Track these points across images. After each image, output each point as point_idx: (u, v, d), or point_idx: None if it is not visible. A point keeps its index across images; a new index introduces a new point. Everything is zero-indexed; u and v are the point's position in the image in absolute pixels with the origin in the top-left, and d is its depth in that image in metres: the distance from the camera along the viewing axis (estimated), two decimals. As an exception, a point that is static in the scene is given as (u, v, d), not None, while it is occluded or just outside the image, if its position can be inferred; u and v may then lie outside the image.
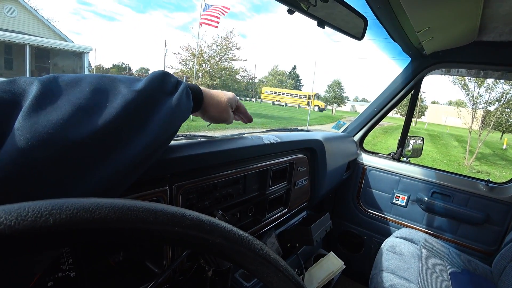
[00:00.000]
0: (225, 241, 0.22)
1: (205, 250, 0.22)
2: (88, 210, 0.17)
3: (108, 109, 0.40)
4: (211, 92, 0.64)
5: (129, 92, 0.43)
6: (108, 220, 0.18)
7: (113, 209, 0.18)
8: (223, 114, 0.66)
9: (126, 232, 0.18)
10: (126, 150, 0.41)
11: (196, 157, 0.66)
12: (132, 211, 0.19)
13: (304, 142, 1.15)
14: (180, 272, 0.73)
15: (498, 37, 1.40)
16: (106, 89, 0.42)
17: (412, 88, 1.73)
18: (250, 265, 0.24)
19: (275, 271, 0.25)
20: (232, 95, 0.69)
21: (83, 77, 0.42)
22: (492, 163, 11.60)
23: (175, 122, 0.51)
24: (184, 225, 0.20)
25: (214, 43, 17.55)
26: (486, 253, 1.61)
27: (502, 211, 1.58)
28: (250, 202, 0.93)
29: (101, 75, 0.44)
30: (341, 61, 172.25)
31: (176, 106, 0.49)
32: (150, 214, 0.19)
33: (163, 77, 0.51)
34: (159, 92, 0.48)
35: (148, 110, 0.45)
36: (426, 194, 1.76)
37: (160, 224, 0.19)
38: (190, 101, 0.56)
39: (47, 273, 0.56)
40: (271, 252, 0.25)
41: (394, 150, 1.92)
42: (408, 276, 1.26)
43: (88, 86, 0.40)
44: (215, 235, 0.22)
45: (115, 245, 0.67)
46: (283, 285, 0.26)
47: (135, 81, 0.47)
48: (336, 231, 2.06)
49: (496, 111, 12.10)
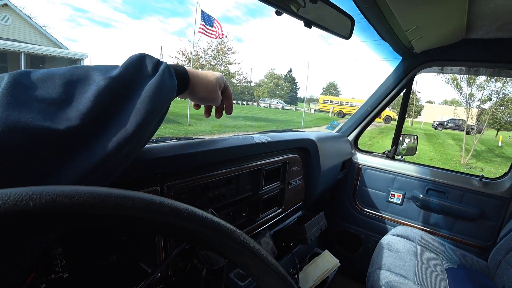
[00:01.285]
0: (204, 228, 0.23)
1: (183, 237, 0.22)
2: (67, 196, 0.18)
3: (81, 100, 0.39)
4: (198, 72, 0.62)
5: (103, 80, 0.42)
6: (86, 206, 0.18)
7: (91, 195, 0.19)
8: (212, 94, 0.63)
9: (104, 218, 0.19)
10: (106, 139, 0.40)
11: (187, 156, 0.67)
12: (110, 197, 0.19)
13: (297, 141, 1.16)
14: (174, 273, 0.73)
15: (485, 34, 1.42)
16: (78, 80, 0.41)
17: (404, 86, 1.75)
18: (230, 254, 0.25)
19: (256, 260, 0.25)
20: (220, 75, 0.65)
21: (56, 71, 0.40)
22: (488, 160, 11.66)
23: (159, 104, 0.48)
24: (162, 212, 0.21)
25: (209, 48, 17.65)
26: (482, 248, 1.62)
27: (496, 206, 1.59)
28: (244, 202, 0.94)
29: (74, 67, 0.43)
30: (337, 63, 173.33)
31: (158, 87, 0.47)
32: (128, 201, 0.20)
33: (141, 59, 0.49)
34: (137, 76, 0.46)
35: (126, 96, 0.44)
36: (421, 192, 1.77)
37: (138, 211, 0.20)
38: (173, 80, 0.53)
39: (39, 275, 0.56)
40: (252, 241, 0.26)
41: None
42: (405, 273, 1.26)
43: (60, 79, 0.39)
44: (193, 222, 0.22)
45: (109, 246, 0.67)
46: (265, 275, 0.26)
47: (112, 68, 0.45)
48: (333, 231, 2.07)
49: (490, 109, 12.21)
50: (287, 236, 1.03)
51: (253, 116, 20.19)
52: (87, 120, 0.38)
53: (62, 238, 0.61)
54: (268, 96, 49.62)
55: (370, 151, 2.00)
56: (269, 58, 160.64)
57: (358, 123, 1.94)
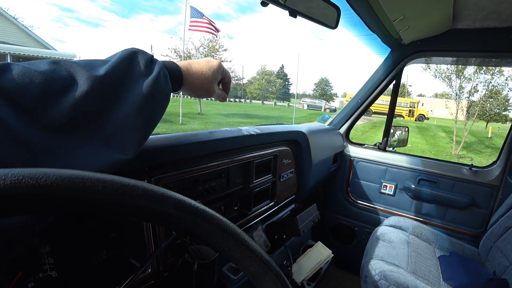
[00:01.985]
0: (179, 211, 0.22)
1: (159, 221, 0.22)
2: (34, 178, 0.17)
3: (59, 107, 0.35)
4: (194, 69, 0.57)
5: (88, 81, 0.37)
6: (53, 188, 0.17)
7: (60, 177, 0.18)
8: (208, 91, 0.59)
9: (73, 201, 0.18)
10: (85, 149, 0.37)
11: (174, 148, 0.66)
12: (79, 180, 0.18)
13: (287, 134, 1.15)
14: (165, 268, 0.73)
15: (472, 24, 1.43)
16: (59, 79, 0.36)
17: (394, 78, 1.76)
18: (209, 238, 0.24)
19: (236, 244, 0.25)
20: (216, 66, 0.59)
21: (36, 67, 0.36)
22: (478, 151, 11.86)
23: (152, 113, 0.44)
24: (135, 194, 0.20)
25: (201, 46, 17.54)
26: (473, 236, 1.65)
27: (486, 194, 1.62)
28: (235, 196, 0.93)
29: (56, 62, 0.38)
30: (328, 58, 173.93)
31: (149, 95, 0.43)
32: (99, 183, 0.19)
33: (133, 55, 0.44)
34: (128, 76, 0.42)
35: (116, 100, 0.40)
36: (413, 182, 1.79)
37: (109, 194, 0.19)
38: (168, 84, 0.48)
39: (27, 274, 0.55)
40: (231, 224, 0.25)
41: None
42: (398, 262, 1.27)
43: (39, 77, 0.35)
44: (167, 205, 0.21)
45: (98, 243, 0.66)
46: (246, 258, 0.26)
47: (99, 64, 0.41)
48: (327, 224, 2.08)
49: (479, 101, 12.38)
50: (279, 228, 1.03)
51: (246, 113, 20.18)
52: (65, 127, 0.35)
53: (49, 236, 0.60)
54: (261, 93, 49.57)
55: (362, 143, 2.01)
56: (260, 55, 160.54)
57: (349, 115, 1.95)
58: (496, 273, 1.25)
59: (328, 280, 2.00)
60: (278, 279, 0.27)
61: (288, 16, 0.74)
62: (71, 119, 0.36)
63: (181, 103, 12.11)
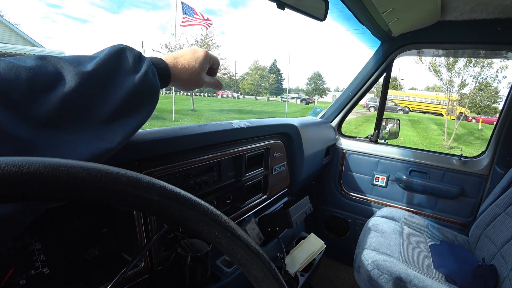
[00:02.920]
0: (164, 199, 0.22)
1: (144, 208, 0.22)
2: (17, 165, 0.17)
3: (46, 102, 0.35)
4: (181, 64, 0.56)
5: (75, 77, 0.37)
6: (36, 175, 0.17)
7: (42, 165, 0.18)
8: (197, 83, 0.59)
9: (57, 188, 0.18)
10: (79, 148, 0.36)
11: (164, 141, 0.65)
12: (63, 167, 0.18)
13: (278, 127, 1.15)
14: (158, 262, 0.73)
15: (460, 16, 1.44)
16: (46, 75, 0.36)
17: (384, 70, 1.77)
18: (194, 225, 0.24)
19: (222, 231, 0.25)
20: (203, 57, 0.59)
21: (22, 63, 0.35)
22: (469, 143, 12.05)
23: (140, 109, 0.44)
24: (119, 181, 0.20)
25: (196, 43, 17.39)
26: (463, 225, 1.68)
27: (475, 183, 1.65)
28: (227, 189, 0.93)
29: (43, 58, 0.37)
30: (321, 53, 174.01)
31: (138, 91, 0.43)
32: (83, 170, 0.19)
33: (121, 52, 0.44)
34: (116, 73, 0.42)
35: (103, 96, 0.40)
36: (404, 173, 1.82)
37: (92, 181, 0.19)
38: (156, 81, 0.48)
39: (18, 271, 0.55)
40: (216, 211, 0.25)
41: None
42: (390, 252, 1.29)
43: (25, 73, 0.34)
44: (152, 192, 0.22)
45: (90, 239, 0.66)
46: (233, 246, 0.26)
47: (87, 60, 0.40)
48: (321, 217, 2.10)
49: (469, 94, 12.54)
50: (272, 221, 1.03)
51: (239, 108, 20.14)
52: (52, 122, 0.35)
53: (40, 232, 0.59)
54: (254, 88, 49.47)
55: (354, 136, 2.02)
56: (253, 50, 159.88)
57: (340, 108, 1.96)
58: (485, 259, 1.29)
59: (323, 271, 2.03)
60: (265, 265, 0.27)
61: (276, 8, 0.73)
62: (59, 114, 0.35)
63: (173, 100, 12.04)
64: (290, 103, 33.34)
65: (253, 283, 0.28)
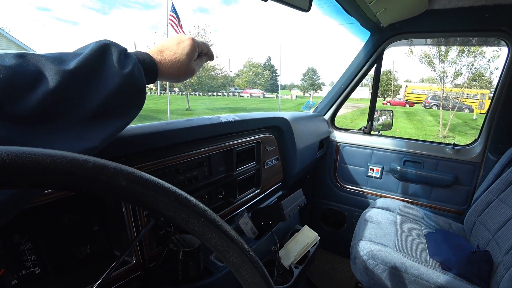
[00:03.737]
0: (132, 184, 0.22)
1: (112, 194, 0.22)
2: None
3: (26, 102, 0.34)
4: (166, 58, 0.54)
5: (56, 75, 0.36)
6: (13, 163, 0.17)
7: (5, 152, 0.17)
8: (187, 74, 0.57)
9: (21, 175, 0.18)
10: (53, 142, 0.36)
11: (149, 135, 0.65)
12: (27, 154, 0.18)
13: (267, 120, 1.15)
14: (151, 259, 0.72)
15: (448, 4, 1.45)
16: (25, 75, 0.35)
17: (375, 61, 1.77)
18: (166, 211, 0.24)
19: (194, 215, 0.25)
20: (190, 46, 0.56)
21: (1, 60, 0.34)
22: (464, 133, 12.13)
23: (131, 114, 0.43)
24: (85, 168, 0.20)
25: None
26: (458, 213, 1.69)
27: (469, 171, 1.66)
28: (219, 184, 0.93)
29: (23, 55, 0.36)
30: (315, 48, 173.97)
31: (123, 90, 0.42)
32: (47, 157, 0.19)
33: (106, 48, 0.43)
34: (101, 71, 0.41)
35: (86, 94, 0.39)
36: (399, 164, 1.82)
37: (57, 168, 0.19)
38: (143, 79, 0.47)
39: (9, 271, 0.55)
40: (188, 196, 0.25)
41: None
42: (385, 242, 1.30)
43: (3, 72, 0.33)
44: (119, 178, 0.21)
45: (81, 237, 0.66)
46: (206, 231, 0.26)
47: (70, 58, 0.39)
48: (317, 210, 2.10)
49: (463, 84, 12.61)
50: (265, 215, 1.03)
51: (234, 106, 20.12)
52: (31, 123, 0.34)
53: (30, 232, 0.59)
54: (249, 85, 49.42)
55: (347, 128, 2.03)
56: (247, 48, 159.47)
57: (333, 101, 1.96)
58: (480, 246, 1.30)
59: (321, 264, 2.03)
60: (241, 249, 0.27)
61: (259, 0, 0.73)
62: (39, 114, 0.35)
63: (168, 100, 11.99)
64: (286, 99, 33.33)
65: (232, 270, 0.28)
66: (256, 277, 0.28)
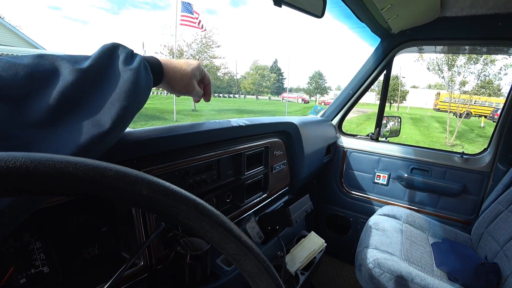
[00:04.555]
0: (153, 193, 0.22)
1: (134, 203, 0.22)
2: (3, 160, 0.17)
3: (46, 96, 0.36)
4: (174, 64, 0.60)
5: (72, 73, 0.39)
6: (22, 169, 0.17)
7: (29, 159, 0.18)
8: (187, 86, 0.62)
9: (45, 183, 0.18)
10: (77, 134, 0.37)
11: (162, 139, 0.65)
12: (50, 162, 0.18)
13: (277, 125, 1.15)
14: (158, 261, 0.73)
15: (460, 11, 1.43)
16: (44, 72, 0.38)
17: (384, 68, 1.76)
18: (185, 219, 0.24)
19: (214, 225, 0.25)
20: (196, 65, 0.64)
21: (20, 61, 0.37)
22: (471, 141, 11.99)
23: (135, 101, 0.45)
24: (107, 175, 0.20)
25: (194, 41, 17.43)
26: (465, 222, 1.67)
27: (477, 181, 1.64)
28: (227, 188, 0.93)
29: (40, 56, 0.39)
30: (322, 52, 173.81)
31: (134, 83, 0.44)
32: (69, 165, 0.19)
33: (114, 49, 0.46)
34: (109, 68, 0.44)
35: (99, 89, 0.41)
36: (406, 171, 1.81)
37: (80, 176, 0.19)
38: (149, 75, 0.51)
39: (18, 270, 0.55)
40: (208, 205, 0.25)
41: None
42: (391, 250, 1.29)
43: (23, 70, 0.36)
44: (140, 186, 0.21)
45: (89, 238, 0.66)
46: (225, 240, 0.26)
47: (82, 59, 0.42)
48: (322, 215, 2.09)
49: (471, 92, 12.48)
50: (272, 220, 1.03)
51: (240, 108, 20.15)
52: (51, 117, 0.36)
53: (40, 231, 0.60)
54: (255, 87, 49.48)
55: (355, 134, 2.02)
56: (254, 50, 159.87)
57: (341, 106, 1.95)
58: (488, 257, 1.28)
59: (324, 270, 2.02)
60: (258, 259, 0.27)
61: (273, 6, 0.73)
62: (55, 110, 0.37)
63: (174, 100, 12.05)
64: (292, 102, 33.32)
65: (247, 279, 0.28)
66: (272, 287, 0.28)
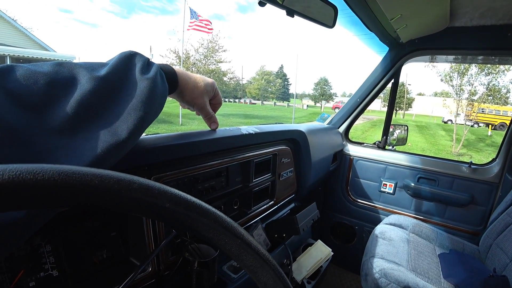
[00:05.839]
0: (175, 206, 0.22)
1: (156, 216, 0.22)
2: (32, 172, 0.18)
3: (65, 104, 0.37)
4: (189, 75, 0.60)
5: (90, 81, 0.40)
6: (51, 182, 0.18)
7: (57, 172, 0.18)
8: (197, 100, 0.62)
9: (71, 195, 0.19)
10: (95, 143, 0.38)
11: (173, 147, 0.66)
12: (76, 174, 0.19)
13: (286, 133, 1.15)
14: (166, 267, 0.73)
15: (469, 22, 1.43)
16: (63, 80, 0.39)
17: (392, 77, 1.76)
18: (205, 232, 0.24)
19: (233, 238, 0.25)
20: (211, 82, 0.64)
21: (39, 69, 0.38)
22: (478, 150, 11.85)
23: (152, 110, 0.46)
24: (131, 189, 0.20)
25: (200, 46, 17.57)
26: (473, 233, 1.65)
27: (486, 191, 1.62)
28: (234, 195, 0.94)
29: (59, 64, 0.40)
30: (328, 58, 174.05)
31: (151, 92, 0.45)
32: (95, 178, 0.19)
33: (131, 57, 0.47)
34: (127, 76, 0.44)
35: (116, 97, 0.42)
36: (413, 180, 1.79)
37: (105, 188, 0.20)
38: (165, 84, 0.51)
39: (28, 273, 0.56)
40: (227, 218, 0.26)
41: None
42: (398, 260, 1.27)
43: (43, 78, 0.37)
44: (163, 199, 0.22)
45: (98, 242, 0.67)
46: (243, 252, 0.26)
47: (100, 66, 0.43)
48: (327, 223, 2.08)
49: (479, 100, 12.38)
50: (279, 227, 1.03)
51: (245, 113, 20.20)
52: (70, 125, 0.37)
53: (50, 235, 0.60)
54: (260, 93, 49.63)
55: (361, 142, 2.01)
56: (260, 55, 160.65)
57: (348, 114, 1.95)
58: (496, 270, 1.26)
59: (329, 278, 2.00)
60: (274, 272, 0.27)
61: (286, 16, 0.74)
62: (74, 118, 0.37)
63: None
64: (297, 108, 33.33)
65: None
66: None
